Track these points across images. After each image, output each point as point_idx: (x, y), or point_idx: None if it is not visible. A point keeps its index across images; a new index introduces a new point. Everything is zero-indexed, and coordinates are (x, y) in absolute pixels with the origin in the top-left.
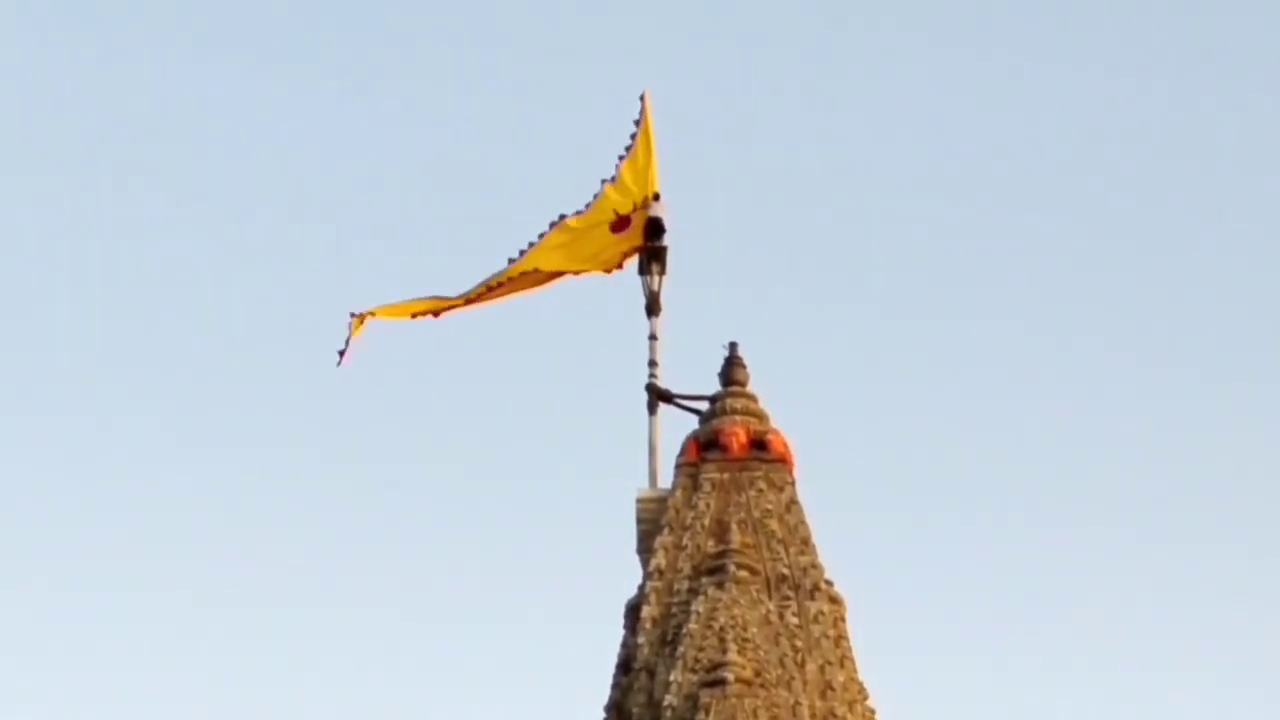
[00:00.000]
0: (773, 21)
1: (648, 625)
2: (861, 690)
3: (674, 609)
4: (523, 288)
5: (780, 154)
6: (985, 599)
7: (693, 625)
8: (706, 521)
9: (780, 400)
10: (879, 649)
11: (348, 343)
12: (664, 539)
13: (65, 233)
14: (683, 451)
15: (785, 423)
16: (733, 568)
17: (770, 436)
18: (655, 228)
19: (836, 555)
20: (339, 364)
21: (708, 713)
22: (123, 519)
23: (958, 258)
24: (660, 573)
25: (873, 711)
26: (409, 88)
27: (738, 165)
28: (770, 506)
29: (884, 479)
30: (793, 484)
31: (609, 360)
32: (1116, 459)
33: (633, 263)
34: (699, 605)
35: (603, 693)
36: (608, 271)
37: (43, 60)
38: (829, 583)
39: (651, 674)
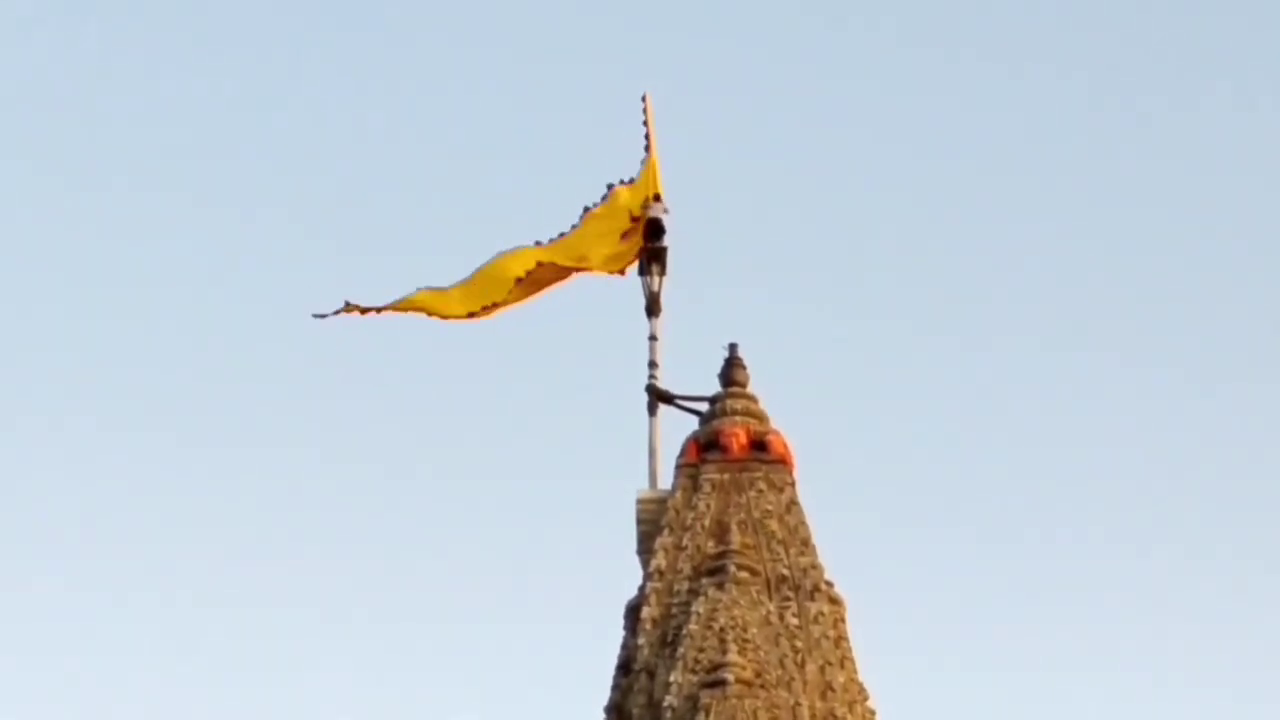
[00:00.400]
0: (773, 22)
1: (648, 626)
2: (862, 691)
3: (674, 610)
4: (542, 286)
5: (781, 155)
6: (985, 599)
7: (693, 626)
8: (706, 522)
9: (780, 401)
10: (879, 649)
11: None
12: (664, 540)
13: (65, 233)
14: (683, 452)
15: (785, 424)
16: (733, 568)
17: (770, 437)
18: (655, 229)
19: (836, 556)
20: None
21: (708, 713)
22: (123, 519)
23: (958, 258)
24: (660, 573)
25: (873, 712)
26: (409, 88)
27: (738, 166)
28: (770, 507)
29: (884, 479)
30: (793, 485)
31: (609, 361)
32: (1117, 459)
33: (635, 264)
34: (699, 606)
35: (603, 693)
36: (612, 273)
37: (43, 60)
38: (829, 583)
39: (651, 675)
